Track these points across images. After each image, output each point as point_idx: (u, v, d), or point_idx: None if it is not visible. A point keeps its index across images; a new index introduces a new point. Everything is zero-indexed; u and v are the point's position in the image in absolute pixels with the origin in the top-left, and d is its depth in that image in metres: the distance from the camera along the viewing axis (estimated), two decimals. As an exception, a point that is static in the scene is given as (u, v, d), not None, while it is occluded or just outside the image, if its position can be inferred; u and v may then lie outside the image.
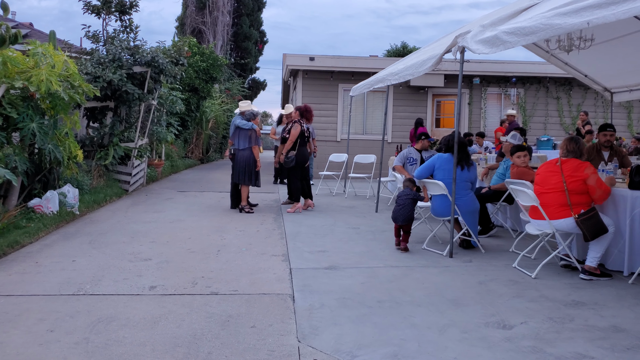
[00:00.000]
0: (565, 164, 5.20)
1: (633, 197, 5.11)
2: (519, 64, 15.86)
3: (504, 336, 3.66)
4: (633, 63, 7.98)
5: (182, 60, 11.48)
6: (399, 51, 30.63)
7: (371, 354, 3.34)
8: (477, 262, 5.76)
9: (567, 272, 5.37)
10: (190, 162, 17.72)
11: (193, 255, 5.78)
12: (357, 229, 7.50)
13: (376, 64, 14.97)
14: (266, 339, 3.55)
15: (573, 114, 16.14)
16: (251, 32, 32.52)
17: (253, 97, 35.05)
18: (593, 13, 3.41)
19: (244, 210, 8.64)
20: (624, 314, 4.12)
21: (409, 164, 8.77)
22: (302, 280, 4.92)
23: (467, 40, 5.37)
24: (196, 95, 17.54)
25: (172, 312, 4.03)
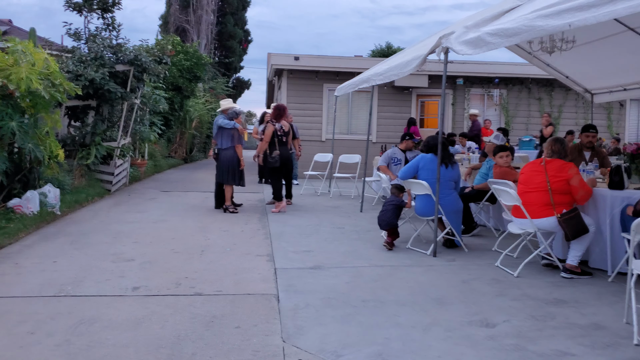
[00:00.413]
0: (550, 164, 5.26)
1: (613, 197, 5.18)
2: (501, 65, 16.01)
3: (487, 334, 3.70)
4: (613, 65, 8.09)
5: (166, 59, 11.40)
6: (384, 51, 30.73)
7: (356, 354, 3.35)
8: (460, 261, 5.80)
9: (548, 270, 5.43)
10: (173, 161, 17.61)
11: (177, 256, 5.75)
12: (342, 228, 7.51)
13: (361, 64, 15.00)
14: (251, 339, 3.54)
15: (554, 114, 16.31)
16: (235, 31, 32.42)
17: (237, 97, 34.96)
18: (575, 15, 3.45)
19: (228, 210, 8.60)
20: (604, 312, 4.18)
21: (393, 164, 8.81)
22: (287, 280, 4.92)
23: (451, 41, 5.40)
24: (180, 94, 17.43)
25: (155, 313, 4.01)
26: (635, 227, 3.58)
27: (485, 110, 16.31)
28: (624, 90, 8.93)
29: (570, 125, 15.99)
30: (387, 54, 27.35)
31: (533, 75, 15.34)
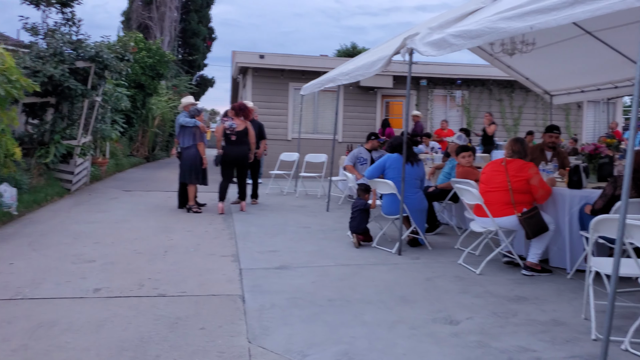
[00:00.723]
0: (510, 164, 5.37)
1: (572, 196, 5.32)
2: (464, 66, 16.27)
3: (451, 331, 3.75)
4: (571, 67, 8.31)
5: (128, 56, 11.17)
6: (349, 51, 30.87)
7: (322, 353, 3.35)
8: (424, 259, 5.87)
9: (510, 268, 5.54)
10: (135, 160, 17.31)
11: (139, 257, 5.65)
12: (308, 228, 7.51)
13: (326, 64, 15.03)
14: (216, 341, 3.51)
15: (515, 115, 16.68)
16: (199, 28, 32.05)
17: (201, 94, 34.56)
18: (536, 18, 3.53)
19: (192, 210, 8.50)
20: (563, 308, 4.29)
21: (359, 163, 8.85)
22: (253, 280, 4.89)
23: (415, 42, 5.46)
24: (142, 91, 17.13)
25: (117, 315, 3.93)
26: (594, 226, 3.68)
27: (447, 111, 16.56)
28: (581, 92, 9.18)
29: (530, 125, 16.38)
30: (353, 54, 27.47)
31: (494, 76, 15.64)
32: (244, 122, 8.58)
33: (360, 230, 6.39)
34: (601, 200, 4.74)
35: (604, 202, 4.70)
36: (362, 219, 6.41)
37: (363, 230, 6.41)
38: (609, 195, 4.68)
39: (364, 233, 6.43)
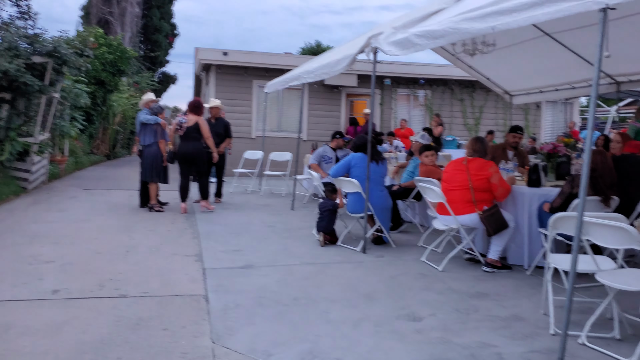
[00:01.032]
0: (471, 162, 5.46)
1: (531, 194, 5.45)
2: (426, 66, 16.46)
3: (414, 328, 3.79)
4: (530, 68, 8.50)
5: (88, 52, 10.92)
6: (313, 49, 30.89)
7: (287, 352, 3.35)
8: (388, 257, 5.92)
9: (471, 265, 5.64)
10: (96, 158, 16.94)
11: (100, 257, 5.53)
12: (272, 227, 7.48)
13: (291, 61, 14.98)
14: (179, 341, 3.46)
15: (476, 115, 16.97)
16: (162, 24, 31.58)
17: (163, 91, 34.11)
18: (497, 19, 3.60)
19: (154, 209, 8.37)
20: (522, 304, 4.39)
21: (324, 162, 8.87)
22: (216, 280, 4.85)
23: (379, 41, 5.49)
24: (103, 88, 16.78)
25: (77, 317, 3.84)
26: (553, 223, 3.77)
27: (411, 110, 16.73)
28: (540, 92, 9.40)
29: (490, 125, 16.70)
30: (317, 52, 27.50)
31: (456, 76, 15.88)
32: (195, 118, 8.27)
33: (328, 230, 6.41)
34: (559, 198, 4.86)
35: (562, 200, 4.83)
36: (330, 219, 6.44)
37: (330, 230, 6.44)
38: (566, 193, 4.81)
39: (331, 233, 6.46)
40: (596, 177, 4.73)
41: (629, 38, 6.38)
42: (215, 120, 10.01)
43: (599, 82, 3.03)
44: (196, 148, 8.26)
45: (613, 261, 3.88)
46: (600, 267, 3.62)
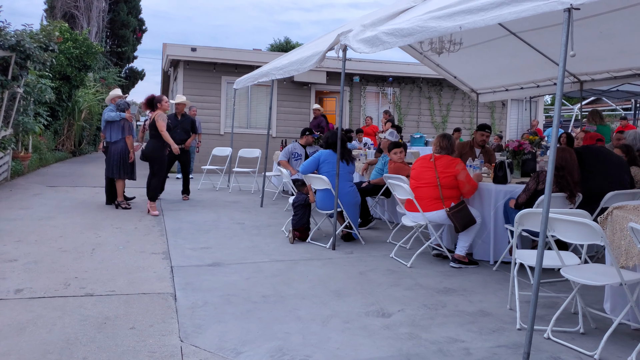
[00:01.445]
0: (439, 160, 5.52)
1: (497, 191, 5.54)
2: (395, 64, 16.59)
3: (383, 324, 3.82)
4: (496, 66, 8.64)
5: (53, 46, 10.67)
6: (282, 46, 30.80)
7: (256, 350, 3.33)
8: (357, 253, 5.95)
9: (439, 260, 5.71)
10: (61, 155, 16.58)
11: (65, 255, 5.42)
12: (241, 224, 7.44)
13: (260, 58, 14.92)
14: (147, 340, 3.41)
15: (443, 112, 17.17)
16: (129, 19, 31.02)
17: (130, 87, 33.52)
18: (465, 18, 3.64)
19: (121, 206, 8.24)
20: (489, 299, 4.46)
21: (293, 159, 8.85)
22: (184, 278, 4.80)
23: (349, 39, 5.50)
24: (68, 83, 16.43)
25: (41, 316, 3.75)
26: (518, 219, 3.84)
27: (380, 108, 16.83)
28: (506, 90, 9.57)
29: (457, 123, 16.94)
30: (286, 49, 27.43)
31: (424, 75, 16.05)
32: (152, 114, 8.08)
33: (301, 225, 6.39)
34: (524, 194, 4.96)
35: (528, 196, 4.92)
36: (304, 214, 6.41)
37: (303, 225, 6.42)
38: (531, 190, 4.90)
39: (304, 229, 6.44)
40: (564, 174, 4.82)
41: (592, 38, 6.55)
42: (182, 117, 9.95)
43: (564, 81, 3.09)
44: (150, 146, 8.03)
45: (577, 257, 3.97)
46: (565, 262, 3.70)
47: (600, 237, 3.28)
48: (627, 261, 3.62)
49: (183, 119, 9.95)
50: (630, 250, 3.59)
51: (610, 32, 6.36)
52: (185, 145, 9.70)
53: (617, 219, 3.74)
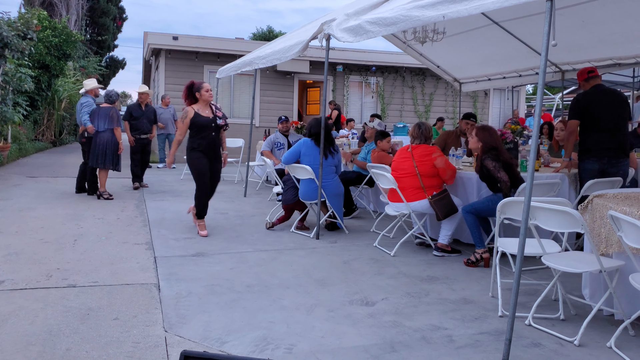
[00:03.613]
0: (416, 149, 5.55)
1: (479, 180, 5.57)
2: (378, 53, 16.59)
3: (367, 312, 3.84)
4: (478, 56, 8.68)
5: (31, 35, 10.48)
6: (265, 35, 30.62)
7: (241, 339, 3.34)
8: (341, 242, 5.97)
9: (422, 249, 5.75)
10: (41, 145, 16.35)
11: (47, 246, 5.36)
12: (225, 214, 7.42)
13: (243, 47, 14.82)
14: (130, 331, 3.40)
15: (426, 102, 17.24)
16: (109, 7, 30.57)
17: (111, 76, 33.13)
18: (448, 7, 3.65)
19: (103, 197, 8.16)
20: (472, 287, 4.51)
21: (276, 148, 8.83)
22: (168, 268, 4.78)
23: (332, 28, 5.48)
24: (47, 72, 16.16)
25: (23, 308, 3.71)
26: (500, 208, 3.88)
27: (363, 97, 16.84)
28: (488, 80, 9.62)
29: (440, 112, 17.02)
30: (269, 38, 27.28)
31: (407, 64, 16.07)
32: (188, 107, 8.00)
33: (291, 202, 6.45)
34: (503, 173, 4.96)
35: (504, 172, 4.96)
36: (295, 195, 6.45)
37: (293, 203, 6.46)
38: (498, 167, 4.95)
39: (289, 209, 6.50)
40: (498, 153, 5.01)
41: (573, 27, 6.60)
42: (146, 107, 9.90)
43: (546, 70, 3.12)
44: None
45: (558, 245, 4.03)
46: (546, 250, 3.75)
47: (581, 225, 3.32)
48: (607, 249, 3.68)
49: (147, 109, 9.92)
50: (610, 238, 3.65)
51: (591, 21, 6.42)
52: (150, 136, 9.73)
53: (597, 207, 3.79)
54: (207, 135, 6.01)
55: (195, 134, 6.01)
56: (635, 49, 6.90)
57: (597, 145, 5.51)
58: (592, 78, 5.66)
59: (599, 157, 5.51)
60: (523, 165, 5.76)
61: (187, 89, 6.09)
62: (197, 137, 6.01)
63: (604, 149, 5.49)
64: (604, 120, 5.48)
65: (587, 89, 5.66)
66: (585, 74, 5.70)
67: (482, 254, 5.10)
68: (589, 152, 5.56)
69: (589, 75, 5.67)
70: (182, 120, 5.96)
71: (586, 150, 5.58)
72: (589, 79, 5.67)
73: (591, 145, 5.54)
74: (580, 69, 5.86)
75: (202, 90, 6.03)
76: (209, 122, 6.01)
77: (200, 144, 6.00)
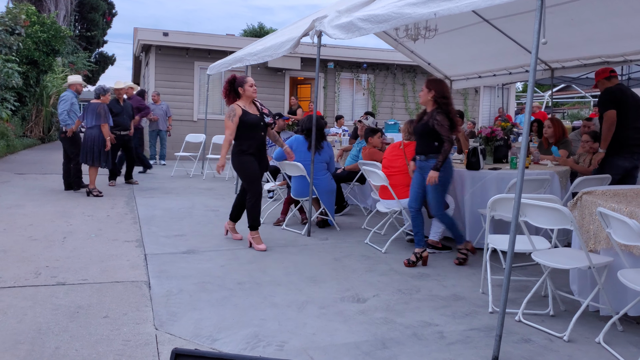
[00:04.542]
0: (407, 147, 5.57)
1: (470, 177, 5.60)
2: (369, 50, 16.60)
3: (358, 309, 3.85)
4: (469, 53, 8.70)
5: (19, 30, 10.41)
6: (256, 31, 30.52)
7: (232, 336, 3.33)
8: (332, 239, 5.97)
9: (413, 246, 5.73)
10: (29, 141, 16.22)
11: (35, 243, 5.32)
12: (216, 211, 7.40)
13: (233, 43, 14.76)
14: (121, 329, 3.38)
15: (417, 99, 17.24)
16: (98, 3, 30.35)
17: (101, 72, 32.93)
18: (439, 5, 3.66)
19: (92, 194, 8.11)
20: (462, 283, 4.53)
21: (268, 145, 8.81)
22: (158, 266, 4.76)
23: (324, 24, 5.48)
24: (36, 68, 16.03)
25: (11, 306, 3.68)
26: (491, 205, 3.90)
27: (354, 94, 16.85)
28: (478, 77, 9.64)
29: (432, 109, 17.01)
30: (260, 34, 27.21)
31: (398, 61, 16.08)
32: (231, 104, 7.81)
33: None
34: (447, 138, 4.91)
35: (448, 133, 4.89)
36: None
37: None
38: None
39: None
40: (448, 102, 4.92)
41: (562, 25, 6.63)
42: (124, 102, 9.75)
43: (536, 68, 3.13)
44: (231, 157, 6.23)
45: (548, 241, 4.05)
46: (535, 246, 3.77)
47: (570, 222, 3.35)
48: (596, 245, 3.71)
49: (125, 104, 9.78)
50: (599, 234, 3.67)
51: (580, 20, 6.45)
52: (130, 132, 9.59)
53: (586, 204, 3.82)
54: (256, 135, 5.43)
55: (243, 135, 5.40)
56: (624, 47, 6.94)
57: (631, 140, 5.54)
58: (614, 77, 5.73)
59: (632, 153, 5.55)
60: (513, 162, 5.79)
61: (229, 84, 5.59)
62: (246, 138, 5.40)
63: (637, 145, 5.55)
64: (633, 117, 5.53)
65: (612, 87, 5.68)
66: (608, 72, 5.76)
67: (422, 252, 5.02)
68: (622, 148, 5.56)
69: (610, 74, 5.75)
70: (230, 119, 5.34)
71: (619, 146, 5.56)
72: (611, 77, 5.72)
73: (624, 140, 5.55)
74: (601, 68, 5.93)
75: (245, 85, 5.52)
76: (257, 120, 5.45)
77: (251, 146, 5.41)
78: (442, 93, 4.94)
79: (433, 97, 4.93)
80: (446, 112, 4.88)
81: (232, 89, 5.56)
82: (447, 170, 4.91)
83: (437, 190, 4.92)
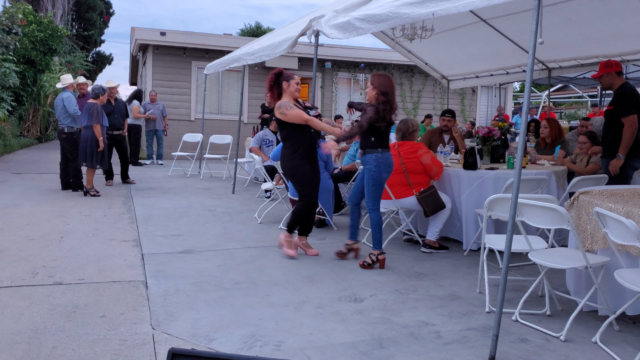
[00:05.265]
0: (402, 147, 5.58)
1: (467, 177, 5.61)
2: (367, 50, 16.60)
3: (355, 309, 3.85)
4: (466, 53, 8.71)
5: (16, 29, 10.38)
6: (253, 31, 30.52)
7: (229, 336, 3.33)
8: (330, 239, 5.97)
9: (410, 245, 5.77)
10: (26, 141, 16.19)
11: (32, 243, 5.31)
12: (213, 211, 7.39)
13: (231, 43, 14.76)
14: (118, 328, 3.38)
15: (414, 99, 17.28)
16: (96, 2, 30.29)
17: (98, 72, 32.86)
18: (437, 5, 3.66)
19: (89, 194, 8.09)
20: (459, 283, 4.53)
21: (265, 145, 8.81)
22: (156, 265, 4.75)
23: (321, 24, 5.48)
24: (33, 68, 16.00)
25: (8, 305, 3.68)
26: (488, 205, 3.90)
27: (351, 94, 16.84)
28: (476, 77, 9.67)
29: (429, 109, 17.06)
30: (257, 34, 27.20)
31: (395, 61, 16.10)
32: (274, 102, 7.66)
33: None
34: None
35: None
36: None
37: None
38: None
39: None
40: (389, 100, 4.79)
41: (560, 25, 6.64)
42: (116, 101, 9.72)
43: (533, 67, 3.14)
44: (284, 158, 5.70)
45: (545, 241, 4.06)
46: (532, 246, 3.78)
47: (567, 222, 3.35)
48: (593, 245, 3.71)
49: (117, 103, 9.75)
50: (596, 234, 3.68)
51: (577, 19, 6.46)
52: (123, 132, 9.57)
53: (583, 203, 3.83)
54: (306, 134, 5.14)
55: (292, 134, 5.10)
56: (621, 47, 6.96)
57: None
58: (621, 74, 5.44)
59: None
60: (510, 162, 5.80)
61: (275, 76, 5.22)
62: (295, 138, 5.09)
63: None
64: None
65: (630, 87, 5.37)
66: (620, 67, 5.42)
67: (378, 255, 4.93)
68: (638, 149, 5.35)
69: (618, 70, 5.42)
70: (289, 108, 5.01)
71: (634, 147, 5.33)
72: (620, 73, 5.41)
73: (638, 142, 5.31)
74: (609, 60, 5.50)
75: (292, 80, 5.19)
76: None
77: (300, 146, 5.10)
78: (383, 89, 4.77)
79: (377, 93, 4.80)
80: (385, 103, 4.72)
81: (277, 82, 5.24)
82: (380, 166, 4.82)
83: (369, 184, 4.87)
